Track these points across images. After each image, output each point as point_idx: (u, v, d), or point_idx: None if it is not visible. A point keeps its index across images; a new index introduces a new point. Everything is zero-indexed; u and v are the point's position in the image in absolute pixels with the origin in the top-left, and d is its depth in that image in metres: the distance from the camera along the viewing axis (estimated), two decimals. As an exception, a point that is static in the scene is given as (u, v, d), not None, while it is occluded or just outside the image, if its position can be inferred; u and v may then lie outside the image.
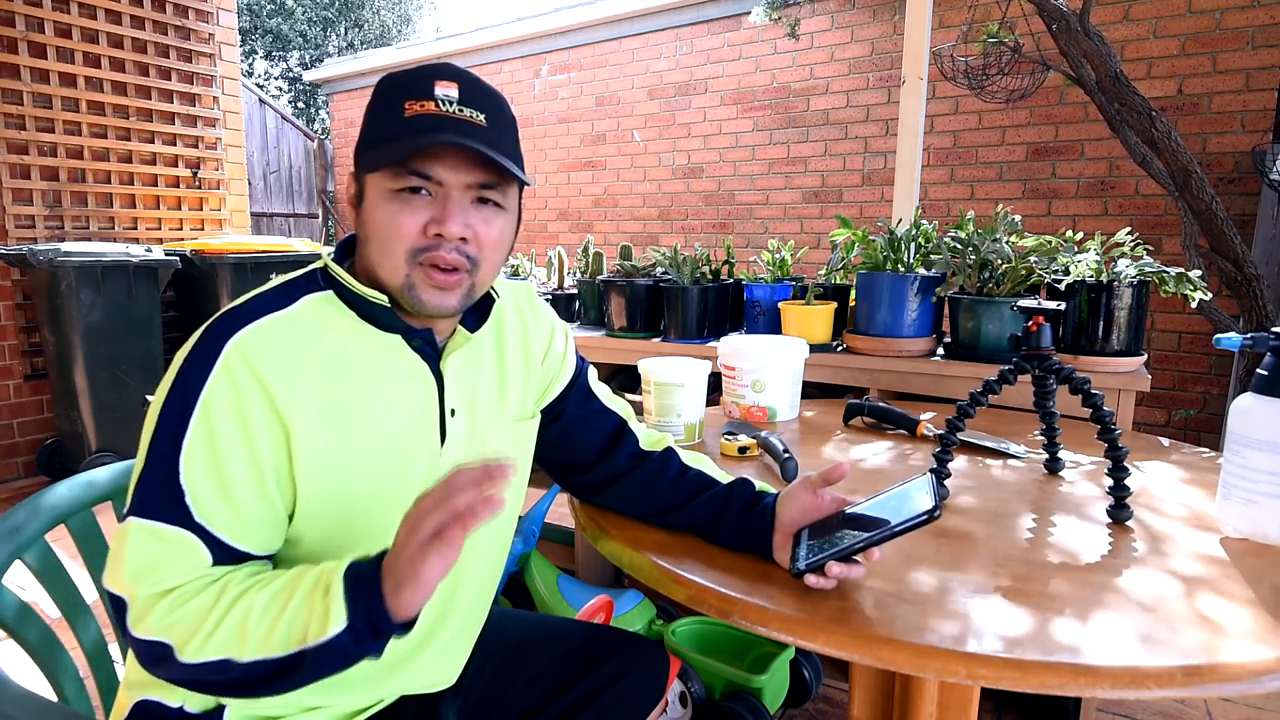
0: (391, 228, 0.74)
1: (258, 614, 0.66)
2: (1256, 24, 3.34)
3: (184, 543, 0.69)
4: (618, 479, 0.96)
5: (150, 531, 0.69)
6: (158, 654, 0.67)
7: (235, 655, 0.66)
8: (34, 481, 3.31)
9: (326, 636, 0.64)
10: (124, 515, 0.71)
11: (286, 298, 0.77)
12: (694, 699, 1.54)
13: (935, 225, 1.88)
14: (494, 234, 0.78)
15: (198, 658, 0.66)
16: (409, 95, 0.74)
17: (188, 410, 0.69)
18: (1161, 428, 3.66)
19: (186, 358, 0.72)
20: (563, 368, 0.98)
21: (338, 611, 0.64)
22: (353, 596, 0.64)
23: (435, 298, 0.76)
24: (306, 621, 0.65)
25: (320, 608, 0.65)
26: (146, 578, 0.68)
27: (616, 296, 2.11)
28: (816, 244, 4.60)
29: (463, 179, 0.74)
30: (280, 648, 0.65)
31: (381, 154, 0.73)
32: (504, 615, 1.07)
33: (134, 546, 0.69)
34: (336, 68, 7.23)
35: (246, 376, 0.71)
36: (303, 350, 0.74)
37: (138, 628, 0.67)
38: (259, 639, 0.65)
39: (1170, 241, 3.54)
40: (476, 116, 0.74)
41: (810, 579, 0.72)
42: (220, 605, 0.67)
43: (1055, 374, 0.99)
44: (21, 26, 3.20)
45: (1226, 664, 0.62)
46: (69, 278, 2.89)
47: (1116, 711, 1.69)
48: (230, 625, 0.66)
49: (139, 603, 0.68)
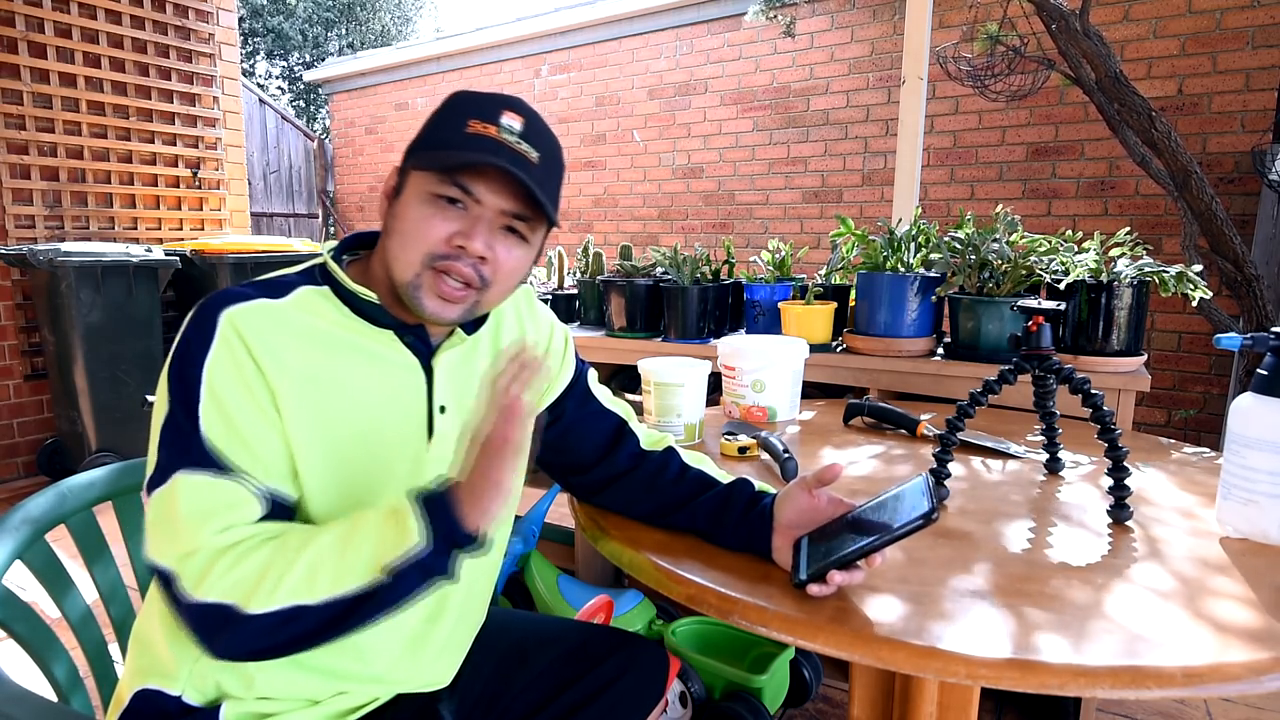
0: (420, 228, 0.76)
1: (326, 553, 0.68)
2: (1256, 24, 3.34)
3: (233, 490, 0.71)
4: (618, 479, 0.96)
5: (197, 483, 0.69)
6: (221, 617, 0.66)
7: (307, 599, 0.66)
8: (34, 481, 3.31)
9: (404, 553, 0.66)
10: (154, 482, 0.71)
11: (281, 289, 0.78)
12: (694, 699, 1.54)
13: (935, 225, 1.88)
14: (512, 263, 0.80)
15: (267, 607, 0.66)
16: (476, 115, 0.77)
17: (196, 378, 0.71)
18: (1161, 428, 3.66)
19: (185, 333, 0.74)
20: (562, 370, 0.99)
21: (413, 528, 0.67)
22: (425, 512, 0.68)
23: (436, 306, 0.78)
24: (379, 548, 0.67)
25: (393, 530, 0.68)
26: (206, 525, 0.68)
27: (616, 296, 2.11)
28: (816, 244, 4.60)
29: (499, 204, 0.77)
30: (355, 580, 0.67)
31: (433, 157, 0.76)
32: (503, 615, 1.07)
33: (186, 499, 0.69)
34: (336, 68, 7.23)
35: (239, 345, 0.73)
36: (290, 333, 0.76)
37: (197, 590, 0.66)
38: (330, 577, 0.67)
39: (1170, 241, 3.54)
40: (531, 153, 0.77)
41: (812, 588, 0.72)
42: (285, 552, 0.68)
43: (1055, 374, 0.99)
44: (21, 26, 3.20)
45: (1226, 664, 0.62)
46: (69, 278, 2.89)
47: (1116, 711, 1.69)
48: (299, 569, 0.67)
49: (196, 561, 0.67)
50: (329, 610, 0.67)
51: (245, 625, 0.66)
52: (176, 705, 0.77)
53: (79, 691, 0.92)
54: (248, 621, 0.66)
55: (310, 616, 0.66)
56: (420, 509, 0.68)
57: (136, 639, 0.83)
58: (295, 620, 0.66)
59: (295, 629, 0.67)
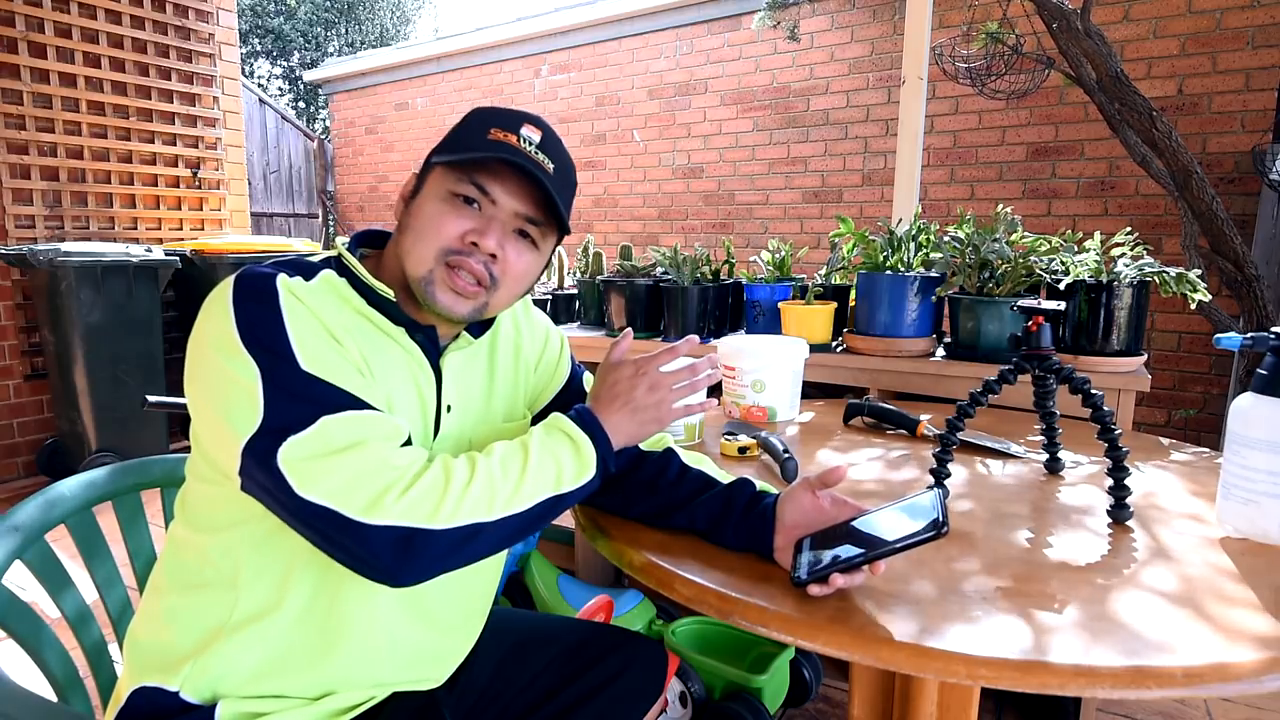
0: (435, 224, 0.79)
1: (499, 475, 0.74)
2: (1256, 24, 3.34)
3: (379, 419, 0.72)
4: (616, 481, 0.96)
5: (345, 420, 0.70)
6: (402, 538, 0.67)
7: (485, 516, 0.71)
8: (34, 481, 3.31)
9: (582, 482, 0.78)
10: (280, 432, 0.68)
11: (308, 272, 0.79)
12: (694, 699, 1.54)
13: (935, 225, 1.88)
14: (521, 266, 0.83)
15: (451, 523, 0.69)
16: (497, 125, 0.80)
17: (281, 335, 0.71)
18: (1161, 428, 3.66)
19: (238, 300, 0.72)
20: (556, 373, 1.01)
21: (590, 459, 0.78)
22: (598, 445, 0.79)
23: (449, 299, 0.80)
24: (556, 472, 0.76)
25: (570, 456, 0.78)
26: (370, 451, 0.69)
27: (616, 296, 2.11)
28: (816, 244, 4.60)
29: (514, 205, 0.80)
30: (529, 499, 0.74)
31: (453, 154, 0.79)
32: (503, 614, 1.07)
33: (341, 434, 0.69)
34: (336, 68, 7.23)
35: (305, 310, 0.74)
36: (325, 313, 0.76)
37: (372, 514, 0.67)
38: (506, 496, 0.73)
39: (1170, 241, 3.54)
40: (548, 163, 0.81)
41: (813, 588, 0.72)
42: (457, 474, 0.72)
43: (1055, 374, 0.99)
44: (21, 26, 3.20)
45: (1226, 664, 0.62)
46: (69, 278, 2.89)
47: (1116, 711, 1.69)
48: (477, 489, 0.71)
49: (367, 488, 0.68)
50: (506, 525, 0.73)
51: (432, 540, 0.69)
52: (174, 702, 0.77)
53: (78, 691, 0.92)
54: (436, 536, 0.69)
55: (489, 531, 0.72)
56: (592, 442, 0.79)
57: (132, 638, 0.83)
58: (476, 536, 0.71)
59: (475, 545, 0.71)
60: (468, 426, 0.89)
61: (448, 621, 0.90)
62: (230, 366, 0.70)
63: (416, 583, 0.71)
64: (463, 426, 0.88)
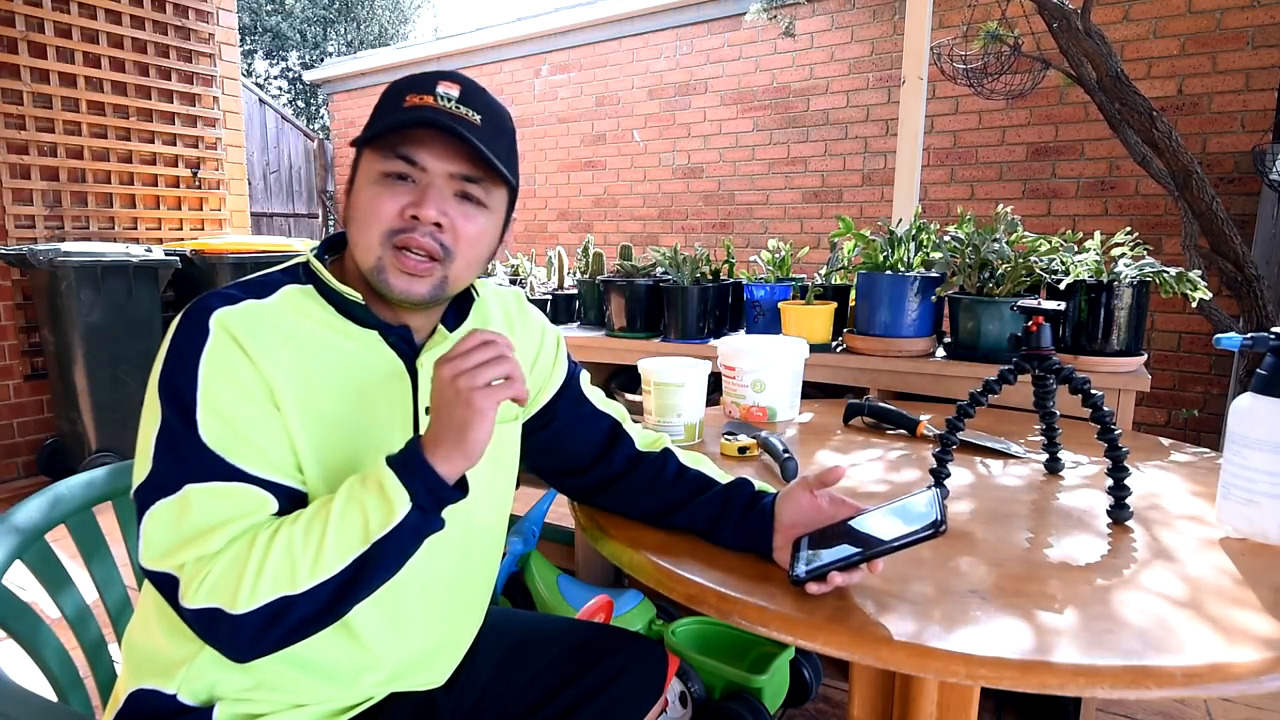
0: (371, 209, 0.76)
1: (299, 542, 0.68)
2: (1256, 24, 3.34)
3: (245, 493, 0.70)
4: (615, 481, 0.96)
5: (210, 490, 0.69)
6: (212, 621, 0.66)
7: (288, 590, 0.66)
8: (34, 481, 3.31)
9: (394, 522, 0.68)
10: (155, 492, 0.69)
11: (266, 289, 0.78)
12: (694, 699, 1.54)
13: (935, 225, 1.88)
14: (473, 230, 0.79)
15: (252, 604, 0.66)
16: (412, 90, 0.77)
17: (191, 383, 0.70)
18: (1161, 428, 3.66)
19: (175, 336, 0.73)
20: (553, 373, 0.99)
21: (398, 494, 0.68)
22: (406, 477, 0.69)
23: (403, 283, 0.77)
24: (363, 521, 0.68)
25: (376, 500, 0.69)
26: (220, 533, 0.68)
27: (616, 296, 2.11)
28: (816, 244, 4.60)
29: (446, 167, 0.76)
30: (338, 561, 0.68)
31: (371, 135, 0.76)
32: (503, 615, 1.07)
33: (200, 509, 0.69)
34: (336, 68, 7.23)
35: (232, 344, 0.72)
36: (280, 333, 0.75)
37: (187, 598, 0.67)
38: (309, 564, 0.67)
39: (1170, 241, 3.54)
40: (472, 115, 0.76)
41: (811, 586, 0.72)
42: (257, 548, 0.67)
43: (1055, 374, 0.99)
44: (21, 26, 3.20)
45: (1226, 664, 0.62)
46: (69, 278, 2.89)
47: (1116, 711, 1.69)
48: (275, 561, 0.67)
49: (187, 572, 0.67)
50: (319, 594, 0.67)
51: (237, 624, 0.66)
52: (172, 705, 0.77)
53: (78, 691, 0.92)
54: (238, 620, 0.66)
55: (300, 606, 0.67)
56: (400, 475, 0.69)
57: (129, 641, 0.83)
58: (285, 612, 0.67)
59: (291, 619, 0.67)
60: None
61: (445, 623, 0.89)
62: (147, 407, 0.73)
63: (252, 659, 0.69)
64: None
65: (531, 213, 5.95)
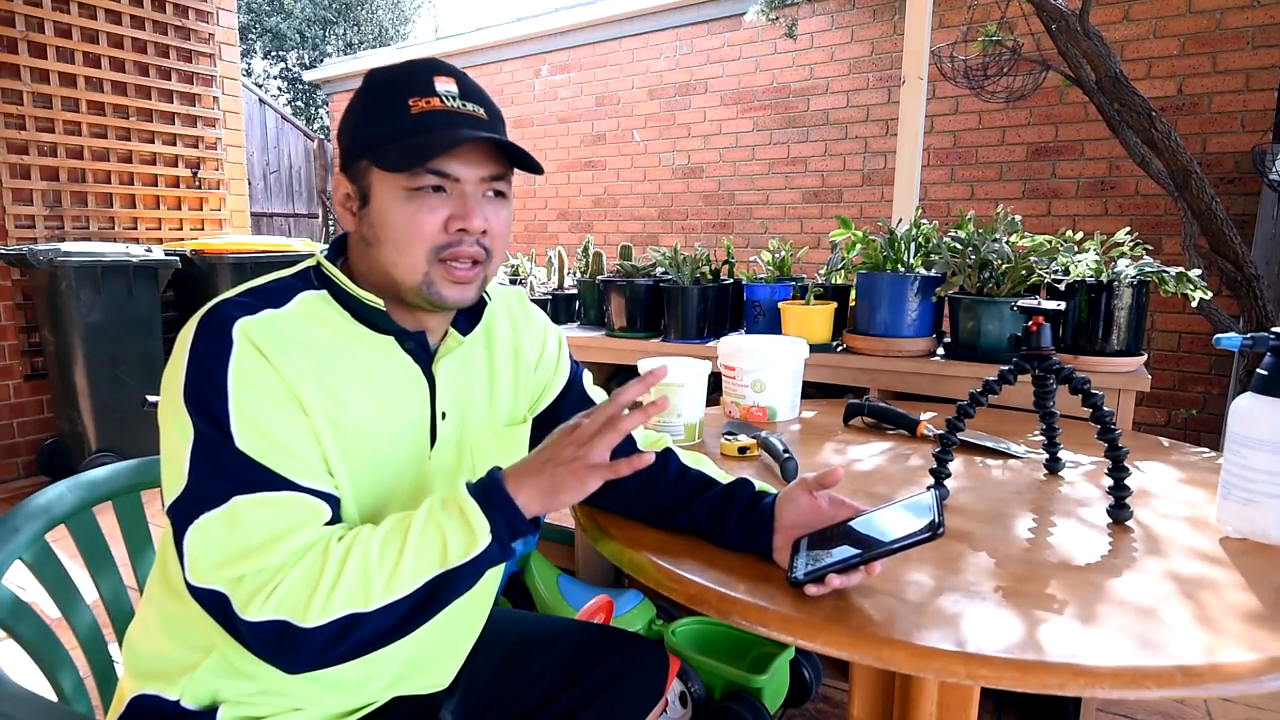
0: (411, 227, 0.75)
1: (375, 559, 0.67)
2: (1256, 24, 3.34)
3: (294, 500, 0.69)
4: (615, 481, 0.95)
5: (261, 501, 0.68)
6: (276, 634, 0.65)
7: (361, 607, 0.66)
8: (34, 481, 3.31)
9: (472, 554, 0.68)
10: (197, 506, 0.67)
11: (281, 296, 0.77)
12: (694, 699, 1.54)
13: (935, 225, 1.88)
14: (505, 224, 0.81)
15: (322, 618, 0.65)
16: (412, 92, 0.75)
17: (222, 394, 0.68)
18: (1161, 428, 3.66)
19: (196, 346, 0.71)
20: (556, 374, 0.99)
21: (480, 523, 0.68)
22: (488, 507, 0.69)
23: (455, 292, 0.78)
24: (442, 545, 0.68)
25: (458, 527, 0.69)
26: (281, 545, 0.67)
27: (616, 296, 2.11)
28: (816, 244, 4.60)
29: (478, 173, 0.76)
30: (411, 582, 0.67)
31: (399, 154, 0.74)
32: (503, 615, 1.07)
33: (255, 521, 0.67)
34: (336, 68, 7.23)
35: (257, 354, 0.71)
36: (301, 344, 0.74)
37: (248, 611, 0.65)
38: (384, 582, 0.66)
39: (1170, 241, 3.54)
40: (478, 111, 0.76)
41: (810, 588, 0.72)
42: (331, 562, 0.67)
43: (1055, 374, 0.99)
44: (21, 26, 3.20)
45: (1226, 664, 0.62)
46: (69, 278, 2.89)
47: (1116, 711, 1.69)
48: (350, 577, 0.66)
49: (248, 584, 0.66)
50: (389, 614, 0.67)
51: (306, 638, 0.65)
52: (174, 710, 0.77)
53: (79, 692, 0.92)
54: (308, 634, 0.65)
55: (368, 623, 0.66)
56: (483, 506, 0.69)
57: (130, 644, 0.83)
58: (354, 628, 0.66)
59: (357, 635, 0.66)
60: (466, 432, 0.87)
61: (450, 626, 0.89)
62: (173, 420, 0.70)
63: (310, 671, 0.68)
64: (461, 433, 0.86)
65: (531, 213, 5.95)
